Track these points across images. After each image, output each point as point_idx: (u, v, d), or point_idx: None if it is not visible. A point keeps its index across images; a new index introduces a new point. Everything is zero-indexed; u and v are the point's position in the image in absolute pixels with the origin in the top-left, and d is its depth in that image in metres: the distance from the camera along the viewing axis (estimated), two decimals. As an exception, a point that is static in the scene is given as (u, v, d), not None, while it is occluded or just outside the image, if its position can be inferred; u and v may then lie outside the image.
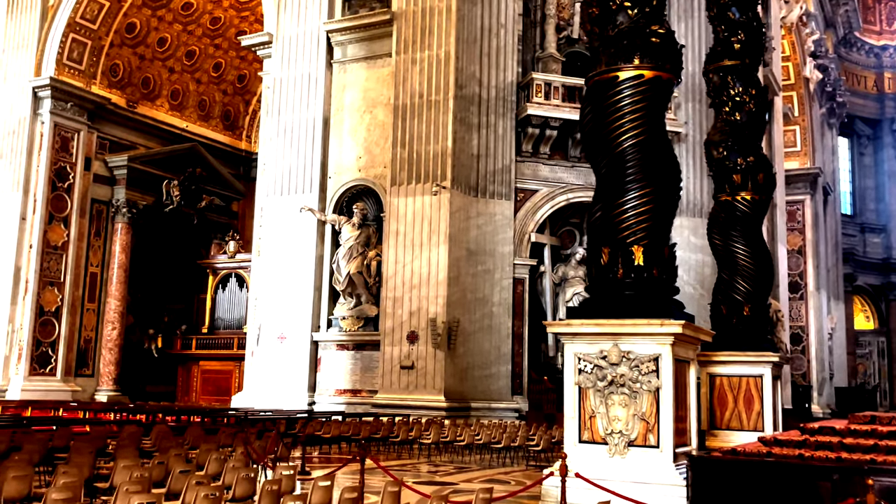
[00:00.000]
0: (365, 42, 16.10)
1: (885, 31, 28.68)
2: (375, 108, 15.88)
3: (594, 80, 6.00)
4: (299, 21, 16.58)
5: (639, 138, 5.84)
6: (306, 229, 16.00)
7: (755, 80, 9.33)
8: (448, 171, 14.69)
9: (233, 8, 22.73)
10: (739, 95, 9.17)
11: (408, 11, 15.43)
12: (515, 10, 16.07)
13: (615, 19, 5.98)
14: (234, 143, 25.35)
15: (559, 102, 15.69)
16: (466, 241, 15.10)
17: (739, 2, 9.15)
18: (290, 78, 16.53)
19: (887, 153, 29.03)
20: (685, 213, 16.53)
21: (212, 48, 23.54)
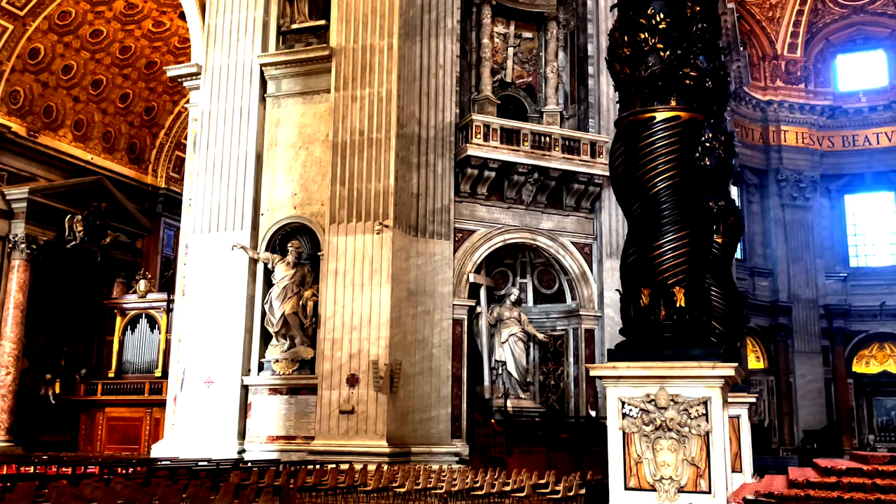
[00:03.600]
0: (301, 77, 15.72)
1: (769, 88, 30.44)
2: (312, 145, 15.48)
3: (628, 121, 5.97)
4: (230, 53, 16.03)
5: (674, 179, 5.83)
6: (237, 268, 15.31)
7: (723, 126, 9.61)
8: (390, 210, 14.44)
9: (145, 38, 21.84)
10: (710, 141, 9.42)
11: (347, 48, 15.20)
12: (453, 51, 16.14)
13: (647, 61, 5.98)
14: (141, 177, 24.20)
15: (497, 144, 15.78)
16: (407, 282, 14.83)
17: (707, 51, 9.42)
18: (220, 111, 15.92)
19: (773, 201, 30.61)
20: (615, 254, 16.84)
21: (120, 78, 22.49)
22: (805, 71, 29.79)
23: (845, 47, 29.60)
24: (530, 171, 16.04)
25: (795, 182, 29.46)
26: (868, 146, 29.12)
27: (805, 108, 29.52)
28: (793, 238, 29.41)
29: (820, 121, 29.60)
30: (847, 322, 28.83)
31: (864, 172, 28.94)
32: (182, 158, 24.38)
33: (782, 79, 29.85)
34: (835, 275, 29.27)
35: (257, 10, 15.93)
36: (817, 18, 29.30)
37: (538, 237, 16.57)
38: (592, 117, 17.23)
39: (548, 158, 16.10)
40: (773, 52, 29.88)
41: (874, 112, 28.98)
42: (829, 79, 29.78)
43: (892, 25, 28.40)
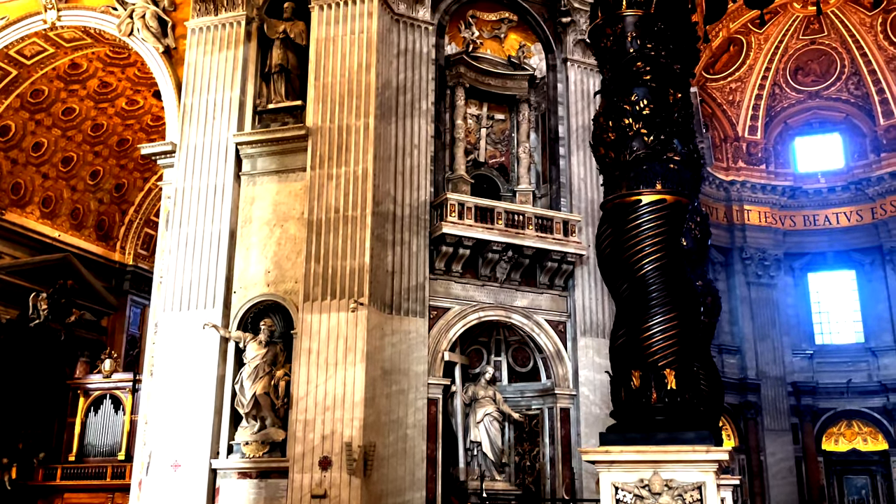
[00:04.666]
0: (277, 156, 15.80)
1: (731, 168, 31.19)
2: (287, 222, 15.46)
3: (614, 203, 6.06)
4: (206, 132, 16.09)
5: (661, 261, 5.90)
6: (207, 347, 15.02)
7: (698, 208, 9.80)
8: (365, 288, 14.38)
9: (118, 116, 21.91)
10: (686, 223, 9.57)
11: (324, 128, 15.36)
12: (428, 132, 16.39)
13: (631, 145, 6.12)
14: (108, 254, 23.92)
15: (472, 222, 15.90)
16: (381, 360, 14.67)
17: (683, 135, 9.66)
18: (194, 189, 15.88)
19: (738, 279, 31.02)
20: (589, 332, 16.93)
21: (91, 155, 22.44)
22: (765, 152, 30.67)
23: (803, 130, 30.61)
24: (504, 249, 16.16)
25: (760, 260, 29.96)
26: (828, 226, 29.83)
27: (767, 189, 30.27)
28: (759, 316, 29.74)
29: (781, 201, 30.33)
30: (815, 399, 28.98)
31: (826, 251, 29.57)
32: (151, 236, 24.23)
33: (744, 160, 30.67)
34: (801, 352, 29.56)
35: (234, 90, 16.09)
36: (775, 102, 30.35)
37: (513, 315, 16.58)
38: (564, 196, 17.49)
39: (522, 237, 16.25)
40: (735, 134, 30.78)
41: (833, 193, 29.80)
42: (788, 160, 30.67)
43: (845, 111, 29.50)
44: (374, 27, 15.62)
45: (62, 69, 19.79)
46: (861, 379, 28.41)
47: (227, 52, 16.24)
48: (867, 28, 27.45)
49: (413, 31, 16.72)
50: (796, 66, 29.52)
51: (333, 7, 15.88)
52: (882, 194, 28.54)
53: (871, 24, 27.29)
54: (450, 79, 17.13)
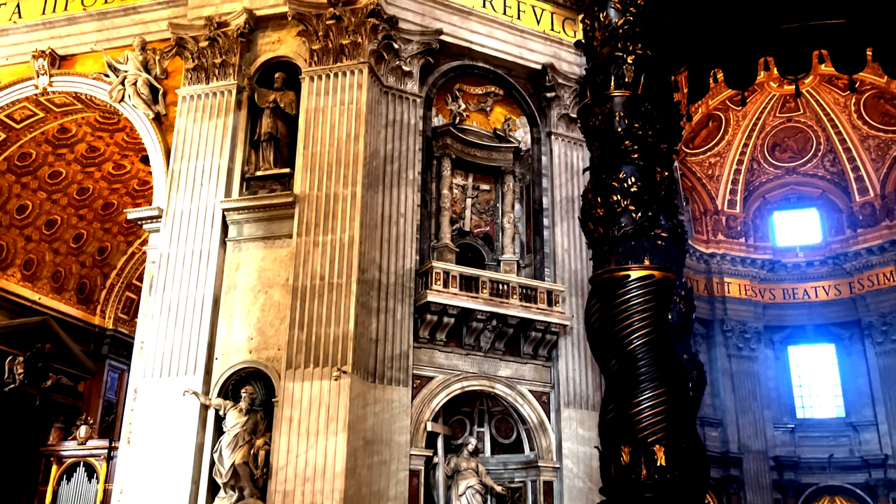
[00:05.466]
0: (263, 222, 15.88)
1: (711, 241, 31.59)
2: (271, 289, 15.44)
3: (603, 278, 6.14)
4: (193, 197, 16.17)
5: (650, 337, 5.95)
6: (187, 415, 14.80)
7: (682, 281, 9.91)
8: (349, 356, 14.30)
9: (104, 179, 21.99)
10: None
11: (311, 195, 15.49)
12: (414, 201, 16.57)
13: (619, 221, 6.23)
14: (88, 317, 23.69)
15: (457, 291, 15.96)
16: (363, 430, 14.51)
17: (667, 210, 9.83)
18: (179, 254, 15.87)
19: (720, 351, 31.13)
20: (573, 404, 16.86)
21: (75, 218, 22.42)
22: (745, 226, 31.16)
23: (781, 205, 31.20)
24: (489, 318, 16.18)
25: (741, 333, 30.13)
26: (808, 299, 30.16)
27: (746, 262, 30.65)
28: (740, 388, 29.78)
29: (761, 274, 30.70)
30: (797, 474, 28.85)
31: (806, 325, 29.83)
32: (132, 300, 24.06)
33: (724, 233, 31.11)
34: (783, 426, 29.54)
35: (222, 157, 16.24)
36: (754, 177, 30.98)
37: (496, 385, 16.51)
38: (548, 266, 17.62)
39: (506, 306, 16.30)
40: (715, 208, 31.29)
41: (811, 267, 30.23)
42: (767, 234, 31.15)
43: (822, 187, 30.16)
44: (363, 98, 15.93)
45: (51, 133, 19.92)
46: (843, 454, 28.36)
47: (217, 120, 16.45)
48: (841, 107, 28.29)
49: (401, 103, 17.04)
50: (774, 143, 30.25)
51: (324, 78, 16.19)
52: (859, 269, 28.98)
53: (846, 104, 28.14)
54: (436, 149, 17.40)
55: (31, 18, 18.64)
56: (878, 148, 28.54)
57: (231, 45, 16.75)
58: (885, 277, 28.24)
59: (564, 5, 19.29)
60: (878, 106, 27.65)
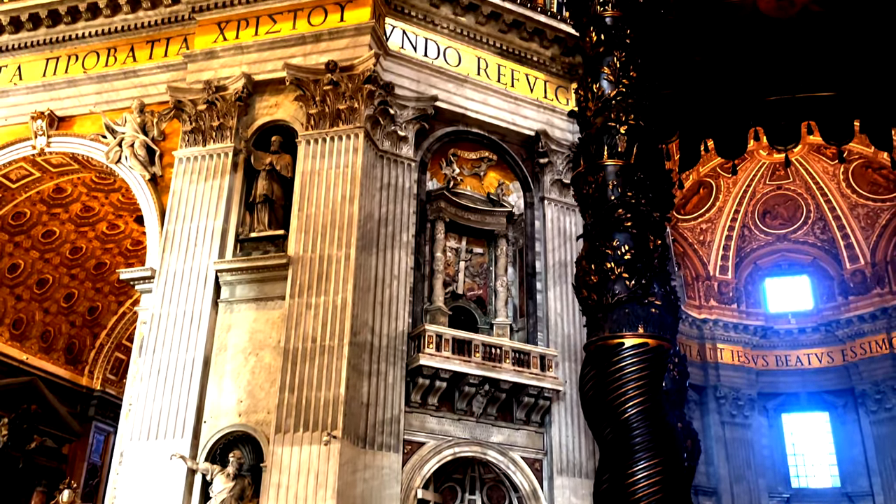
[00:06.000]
0: (256, 283, 15.85)
1: (703, 307, 31.64)
2: (262, 351, 15.32)
3: (597, 346, 6.11)
4: (186, 258, 16.17)
5: (644, 406, 5.89)
6: (173, 479, 14.52)
7: (676, 348, 9.88)
8: (339, 420, 14.13)
9: (98, 239, 22.01)
10: (664, 362, 9.61)
11: (305, 257, 15.52)
12: (408, 263, 16.60)
13: (613, 289, 6.23)
14: (76, 378, 23.44)
15: (449, 354, 15.87)
16: (353, 497, 14.24)
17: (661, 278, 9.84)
18: (171, 315, 15.79)
19: (713, 418, 30.91)
20: (565, 472, 16.62)
21: (67, 278, 22.37)
22: (737, 292, 31.23)
23: (772, 271, 31.33)
24: (481, 382, 16.06)
25: (734, 400, 29.93)
26: (800, 366, 30.07)
27: (739, 328, 30.63)
28: (734, 457, 29.44)
29: (753, 340, 30.65)
30: (794, 545, 28.37)
31: (799, 392, 29.67)
32: (121, 360, 23.84)
33: (716, 299, 31.17)
34: (777, 495, 29.14)
35: (217, 218, 16.30)
36: (745, 244, 31.19)
37: (488, 451, 16.29)
38: (541, 331, 17.58)
39: (499, 370, 16.20)
40: (706, 274, 31.40)
41: (803, 334, 30.22)
42: (759, 300, 31.21)
43: (813, 254, 30.35)
44: (359, 162, 16.09)
45: (46, 193, 20.00)
46: (838, 526, 27.93)
47: (213, 182, 16.56)
48: (830, 176, 28.67)
49: (396, 167, 17.22)
50: (764, 210, 30.55)
51: (320, 142, 16.38)
52: (851, 337, 28.98)
53: (834, 173, 28.53)
54: (430, 213, 17.52)
55: (32, 80, 18.91)
56: (868, 216, 28.83)
57: (229, 108, 16.97)
58: (878, 345, 28.23)
59: (557, 74, 19.67)
60: (867, 175, 28.04)
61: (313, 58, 16.91)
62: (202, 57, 17.65)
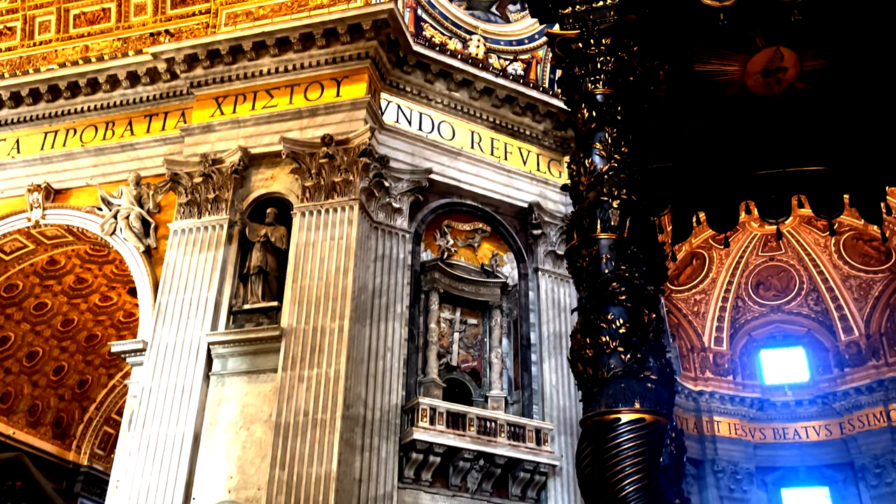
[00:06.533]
0: (249, 356, 15.72)
1: (699, 378, 31.43)
2: (253, 425, 15.09)
3: (593, 421, 6.03)
4: (179, 331, 16.06)
5: (642, 483, 5.78)
6: (160, 558, 14.15)
7: (673, 423, 9.77)
8: (331, 497, 13.82)
9: (90, 311, 21.89)
10: (661, 437, 9.49)
11: (298, 329, 15.43)
12: (402, 334, 16.51)
13: (609, 363, 6.18)
14: (63, 453, 22.99)
15: (443, 428, 15.65)
16: (344, 577, 13.85)
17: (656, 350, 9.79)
18: (162, 389, 15.60)
19: (711, 493, 30.39)
20: (562, 549, 16.24)
21: (57, 350, 22.16)
22: (732, 364, 31.05)
23: (767, 343, 31.22)
24: (476, 457, 15.80)
25: (732, 474, 29.47)
26: (798, 439, 29.71)
27: (735, 400, 30.35)
28: (735, 534, 28.85)
29: (750, 413, 30.34)
30: None
31: (798, 466, 29.23)
32: (110, 435, 23.44)
33: (711, 370, 30.97)
34: (780, 572, 28.42)
35: (210, 290, 16.26)
36: (739, 315, 31.16)
37: (483, 529, 15.92)
38: (536, 404, 17.39)
39: (493, 444, 15.95)
40: (701, 345, 31.28)
41: (800, 406, 29.95)
42: (755, 372, 31.01)
43: (807, 325, 30.31)
44: (353, 234, 16.15)
45: (39, 265, 19.98)
46: None
47: (208, 254, 16.57)
48: (822, 248, 28.85)
49: (391, 238, 17.28)
50: (757, 281, 30.62)
51: (315, 214, 16.47)
52: (849, 409, 28.72)
53: (826, 245, 28.72)
54: (424, 284, 17.51)
55: (30, 153, 19.09)
56: (860, 288, 28.91)
57: (225, 181, 17.11)
58: (876, 418, 27.96)
59: (550, 147, 19.95)
60: (858, 247, 28.23)
61: (309, 131, 17.15)
62: (199, 130, 17.88)
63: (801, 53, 6.87)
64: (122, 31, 19.68)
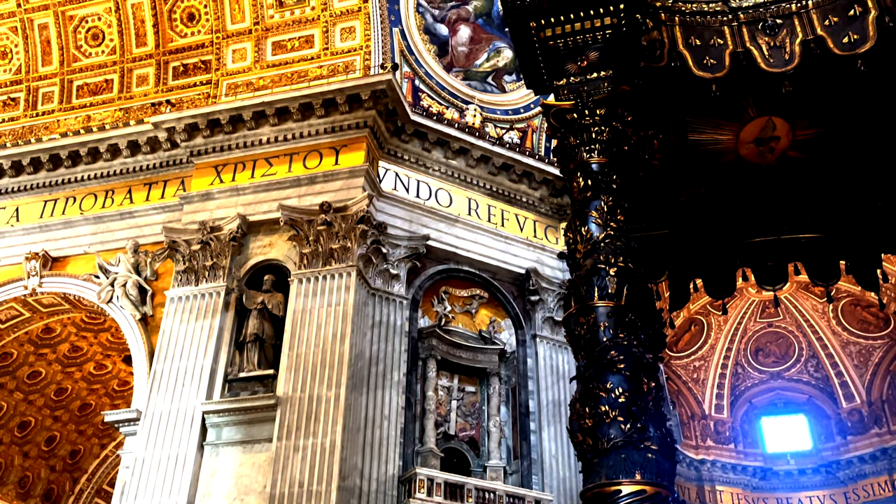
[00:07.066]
0: (244, 425, 15.50)
1: (700, 447, 30.99)
2: (248, 497, 14.79)
3: (593, 493, 5.92)
4: (173, 399, 15.88)
5: (645, 554, 5.66)
6: None
7: (676, 495, 9.59)
8: (326, 572, 13.48)
9: (84, 380, 21.68)
10: (663, 508, 9.31)
11: (294, 397, 15.26)
12: (399, 403, 16.32)
13: (608, 433, 6.10)
14: (51, 526, 22.49)
15: (441, 499, 15.34)
16: None
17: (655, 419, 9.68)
18: (155, 459, 15.33)
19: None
20: None
21: (50, 420, 21.86)
22: (733, 432, 30.65)
23: (768, 410, 30.87)
24: (474, 530, 15.46)
25: (738, 550, 28.82)
26: (803, 511, 29.15)
27: (737, 469, 29.86)
28: None
29: (753, 482, 29.82)
30: None
31: (805, 540, 28.62)
32: (101, 506, 22.96)
33: (713, 438, 30.56)
34: None
35: (206, 358, 16.13)
36: (739, 382, 30.89)
37: None
38: (536, 474, 17.09)
39: (492, 517, 15.63)
40: (702, 412, 30.93)
41: (804, 475, 29.45)
42: (757, 440, 30.59)
43: (808, 392, 30.03)
44: (350, 300, 16.11)
45: (35, 333, 19.86)
46: None
47: (204, 321, 16.50)
48: (820, 314, 28.79)
49: (388, 305, 17.23)
50: (757, 347, 30.46)
51: (312, 280, 16.46)
52: (853, 478, 28.24)
53: (824, 311, 28.66)
54: (422, 350, 17.39)
55: (29, 221, 19.16)
56: (860, 354, 28.75)
57: (223, 248, 17.14)
58: (880, 487, 27.48)
59: (546, 214, 20.08)
60: (856, 313, 28.17)
61: (308, 199, 17.27)
62: (198, 198, 18.01)
63: (794, 123, 6.98)
64: (123, 101, 19.99)
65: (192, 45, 19.76)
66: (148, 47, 19.96)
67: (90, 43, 20.29)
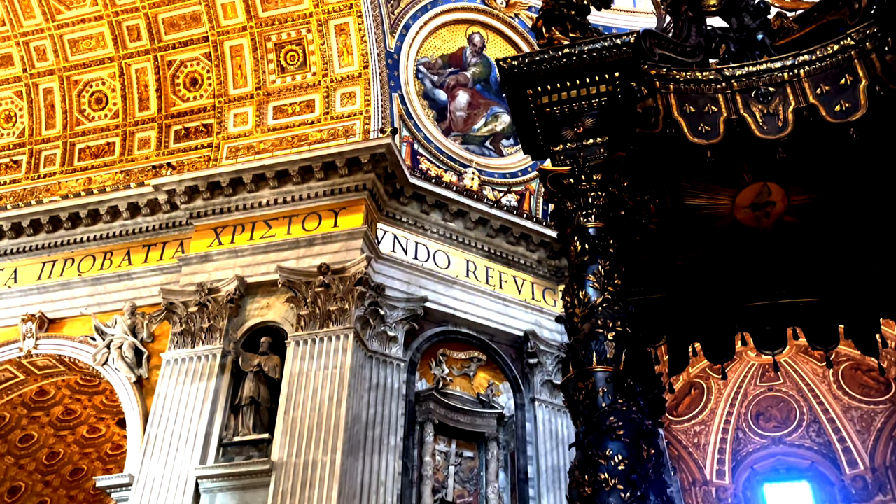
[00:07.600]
0: (238, 491, 15.21)
1: (703, 515, 30.38)
2: (240, 566, 14.47)
3: (593, 562, 5.78)
4: (167, 464, 15.62)
5: None
6: None
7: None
8: None
9: (77, 444, 21.36)
10: None
11: (289, 462, 15.02)
12: (395, 468, 16.07)
13: (608, 502, 5.99)
14: None
15: (438, 570, 14.99)
16: None
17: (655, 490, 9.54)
18: (146, 525, 15.04)
19: None
20: None
21: (41, 485, 21.47)
22: (735, 498, 30.13)
23: (770, 476, 30.37)
24: None
25: None
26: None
27: (744, 538, 29.26)
28: None
29: (760, 550, 29.20)
30: None
31: None
32: (89, 575, 22.38)
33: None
34: None
35: (201, 421, 15.93)
36: (741, 447, 30.48)
37: None
38: (535, 542, 16.74)
39: (490, 587, 15.23)
40: (703, 478, 30.43)
41: (812, 545, 28.83)
42: (760, 507, 30.04)
43: (811, 458, 29.60)
44: (347, 363, 16.00)
45: (28, 396, 19.64)
46: None
47: (200, 384, 16.35)
48: (821, 378, 28.58)
49: (385, 367, 17.10)
50: (757, 412, 30.15)
51: (309, 342, 16.37)
52: (859, 550, 27.67)
53: (825, 375, 28.45)
54: (419, 414, 17.19)
55: (26, 283, 19.13)
56: (862, 419, 28.44)
57: (220, 310, 17.10)
58: (889, 558, 26.92)
59: (544, 276, 20.10)
60: (857, 377, 27.96)
61: (306, 261, 17.29)
62: (197, 260, 18.03)
63: (789, 188, 7.04)
64: (125, 163, 20.18)
65: (195, 108, 20.05)
66: (150, 111, 20.24)
67: (94, 106, 20.59)
